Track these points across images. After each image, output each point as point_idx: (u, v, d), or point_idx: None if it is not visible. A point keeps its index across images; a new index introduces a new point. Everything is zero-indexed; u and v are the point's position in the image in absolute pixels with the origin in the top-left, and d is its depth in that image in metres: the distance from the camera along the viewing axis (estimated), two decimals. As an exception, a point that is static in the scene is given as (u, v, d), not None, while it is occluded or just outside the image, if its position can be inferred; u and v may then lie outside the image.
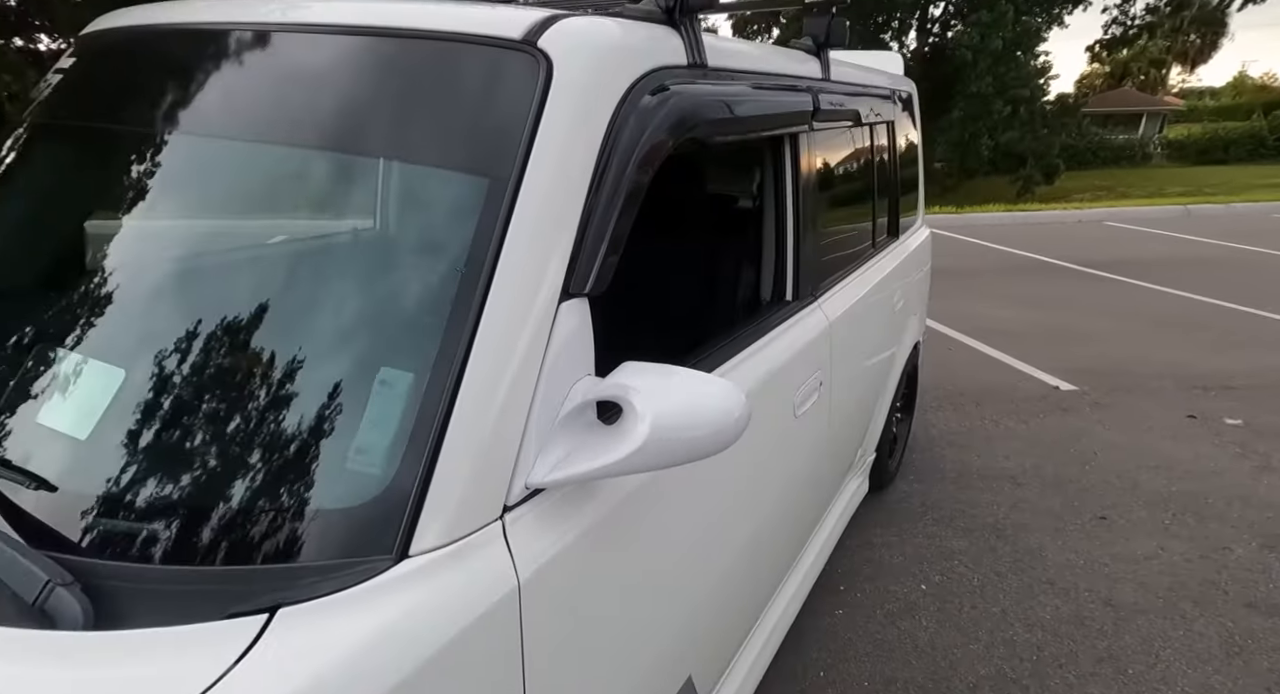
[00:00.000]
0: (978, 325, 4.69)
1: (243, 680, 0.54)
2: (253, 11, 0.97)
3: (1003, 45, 16.84)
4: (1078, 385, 3.73)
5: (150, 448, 0.71)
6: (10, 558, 0.61)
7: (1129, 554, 2.31)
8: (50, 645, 0.56)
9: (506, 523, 0.75)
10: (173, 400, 0.74)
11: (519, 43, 0.84)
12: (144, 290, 0.85)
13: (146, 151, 0.92)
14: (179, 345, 0.75)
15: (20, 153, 1.08)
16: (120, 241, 0.88)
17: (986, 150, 17.61)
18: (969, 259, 7.12)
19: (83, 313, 0.84)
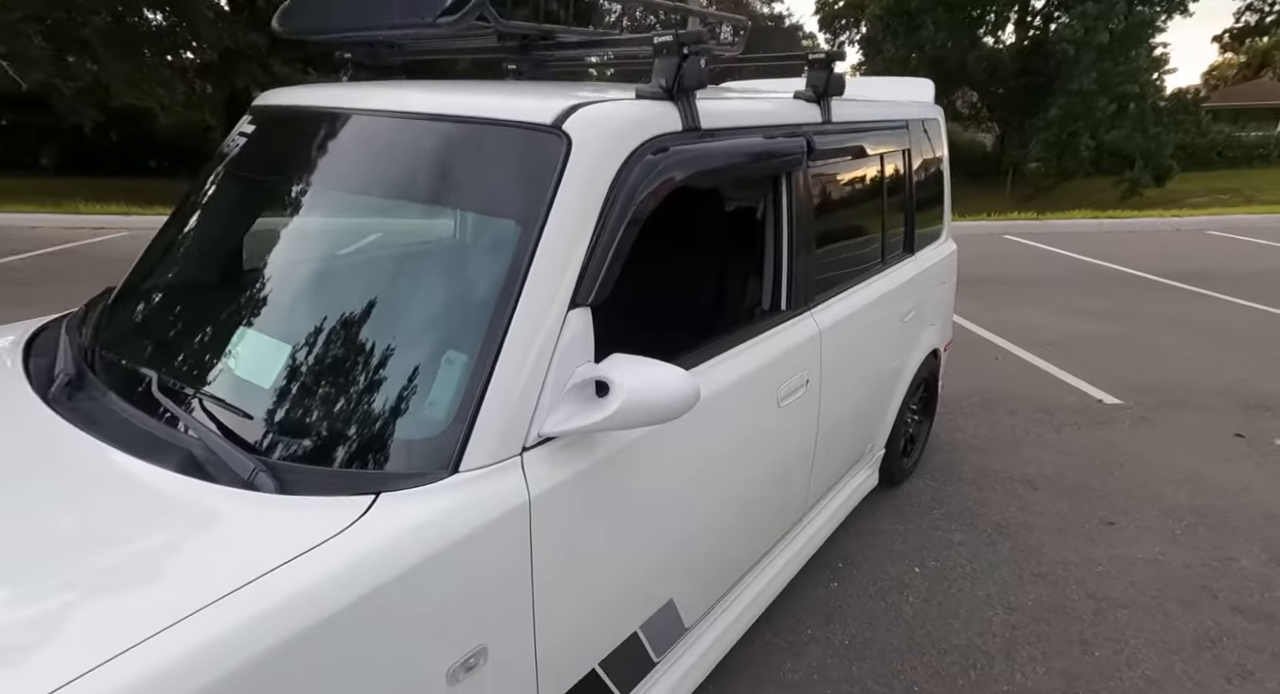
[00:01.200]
0: (1031, 336, 4.72)
1: (364, 525, 0.94)
2: (369, 99, 1.39)
3: (1110, 38, 15.81)
4: (1123, 399, 3.75)
5: (305, 395, 1.13)
6: (230, 453, 1.03)
7: (1127, 556, 2.44)
8: (257, 500, 0.98)
9: (524, 459, 1.12)
10: (316, 365, 1.16)
11: (549, 127, 1.21)
12: (303, 290, 1.28)
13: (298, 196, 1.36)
14: (323, 328, 1.18)
15: (213, 190, 1.56)
16: (285, 256, 1.32)
17: (1086, 150, 16.60)
18: (1039, 267, 6.98)
19: (265, 304, 1.28)
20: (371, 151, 1.34)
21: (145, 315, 1.44)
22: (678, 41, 1.35)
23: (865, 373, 2.21)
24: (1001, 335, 4.74)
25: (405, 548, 0.95)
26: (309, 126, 1.43)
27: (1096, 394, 3.82)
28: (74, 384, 1.28)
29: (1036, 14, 19.23)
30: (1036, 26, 19.34)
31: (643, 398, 1.11)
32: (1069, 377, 4.06)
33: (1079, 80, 15.87)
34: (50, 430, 1.14)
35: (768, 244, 1.78)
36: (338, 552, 0.91)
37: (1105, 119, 16.32)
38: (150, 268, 1.54)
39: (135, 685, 0.72)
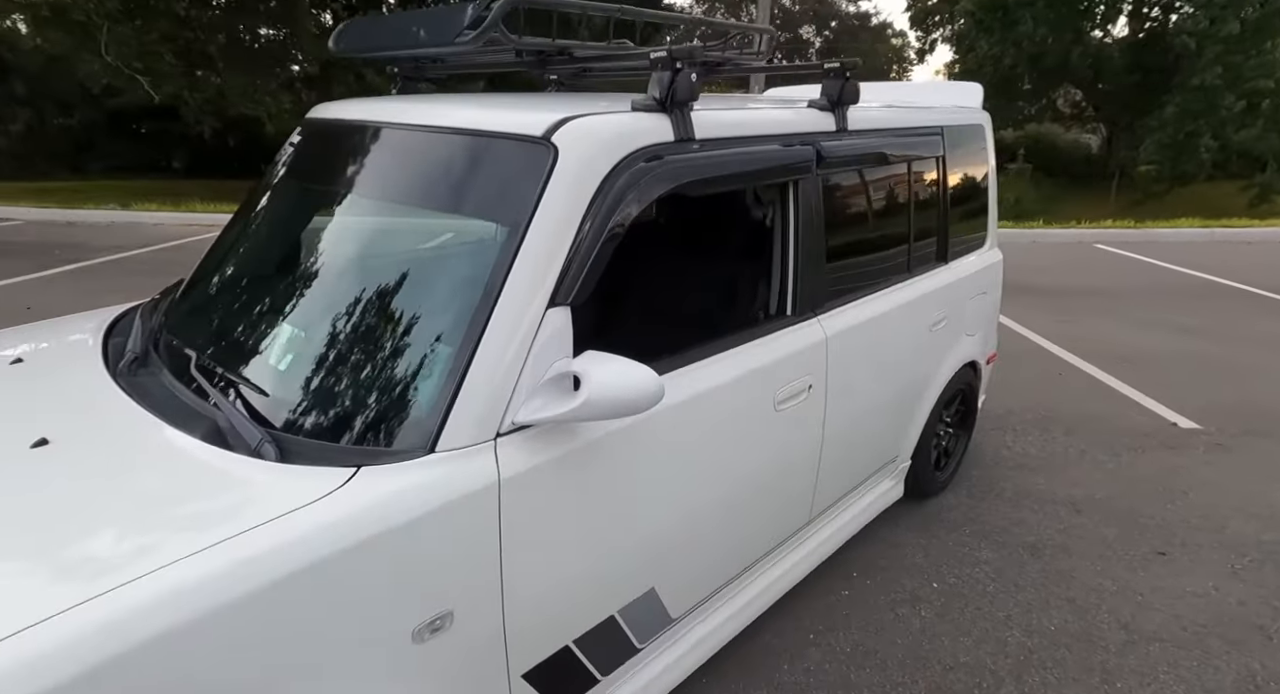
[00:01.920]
0: (1105, 351, 4.42)
1: (343, 492, 1.07)
2: (386, 113, 1.55)
3: (1240, 28, 14.37)
4: (1202, 424, 3.47)
5: (309, 377, 1.28)
6: (243, 425, 1.19)
7: (1174, 589, 2.29)
8: (260, 466, 1.13)
9: (497, 443, 1.22)
10: (321, 351, 1.31)
11: (539, 138, 1.31)
12: (314, 284, 1.45)
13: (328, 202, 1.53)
14: (328, 319, 1.33)
15: (267, 195, 1.76)
16: (309, 254, 1.49)
17: (1207, 152, 15.15)
18: (1127, 279, 6.49)
19: (283, 296, 1.46)
20: (383, 160, 1.49)
21: (197, 304, 1.65)
22: (670, 57, 1.42)
23: (882, 381, 2.18)
24: (1070, 350, 4.47)
25: (378, 513, 1.07)
26: (338, 137, 1.60)
27: (1171, 417, 3.55)
28: (138, 362, 1.49)
29: (1154, 4, 17.73)
30: (1154, 18, 17.82)
31: (608, 392, 1.19)
32: (1142, 397, 3.79)
33: (1201, 75, 14.52)
34: (110, 400, 1.34)
35: (773, 250, 1.81)
36: (317, 513, 1.04)
37: (1232, 118, 14.85)
38: (208, 263, 1.76)
39: (110, 620, 0.86)
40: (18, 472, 1.14)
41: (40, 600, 0.87)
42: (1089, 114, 20.15)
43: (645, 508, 1.49)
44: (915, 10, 22.44)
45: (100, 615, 0.86)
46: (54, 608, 0.85)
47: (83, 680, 0.82)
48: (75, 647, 0.83)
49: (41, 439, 1.18)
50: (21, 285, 5.50)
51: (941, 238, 2.43)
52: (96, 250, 6.81)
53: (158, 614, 0.89)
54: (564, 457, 1.30)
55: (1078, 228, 8.70)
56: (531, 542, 1.27)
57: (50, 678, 0.81)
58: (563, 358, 1.28)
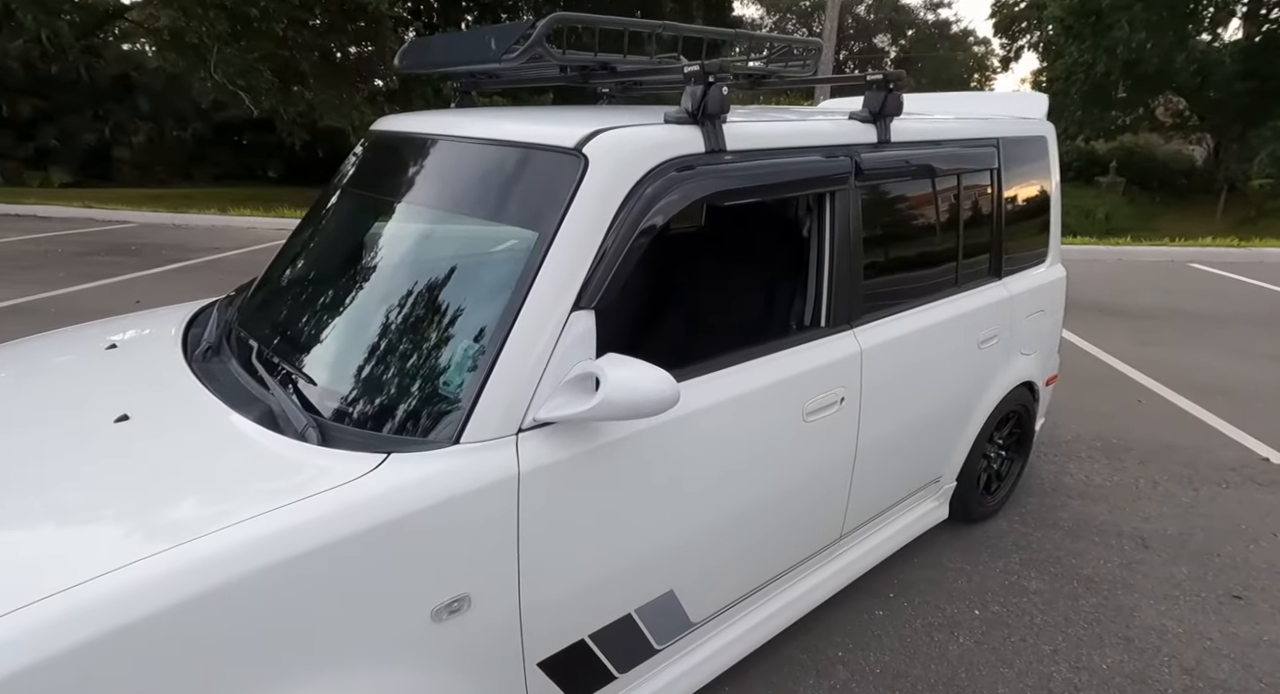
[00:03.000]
0: (1192, 379, 4.12)
1: (373, 475, 1.15)
2: (435, 126, 1.66)
3: (1373, 31, 13.12)
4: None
5: (351, 369, 1.39)
6: (292, 410, 1.30)
7: (1248, 636, 2.11)
8: (304, 449, 1.23)
9: (519, 438, 1.28)
10: (363, 346, 1.42)
11: (570, 149, 1.37)
12: (361, 285, 1.56)
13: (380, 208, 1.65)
14: (371, 317, 1.44)
15: (330, 202, 1.91)
16: (359, 257, 1.61)
17: (1332, 166, 13.85)
18: (1224, 302, 6.00)
19: (332, 296, 1.58)
20: (430, 169, 1.60)
21: (263, 301, 1.81)
22: (703, 70, 1.46)
23: (922, 397, 2.13)
24: (1152, 376, 4.18)
25: (404, 496, 1.15)
26: (389, 149, 1.73)
27: (1263, 452, 3.27)
28: (212, 351, 1.65)
29: (1274, 5, 16.38)
30: (1274, 19, 16.47)
31: (624, 394, 1.23)
32: (1230, 428, 3.51)
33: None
34: (183, 384, 1.49)
35: (809, 261, 1.81)
36: (345, 494, 1.12)
37: (1362, 127, 13.54)
38: (275, 264, 1.92)
39: (160, 577, 0.97)
40: (102, 442, 1.29)
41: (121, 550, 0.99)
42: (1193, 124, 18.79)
43: (664, 511, 1.52)
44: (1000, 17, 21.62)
45: (156, 570, 0.97)
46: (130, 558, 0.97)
47: (167, 614, 0.96)
48: (160, 585, 0.96)
49: (123, 415, 1.33)
50: (133, 281, 6.07)
51: (995, 253, 2.35)
52: (198, 251, 7.42)
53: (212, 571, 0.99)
54: (583, 454, 1.35)
55: (1171, 246, 8.11)
56: (548, 534, 1.32)
57: (142, 608, 0.95)
58: (585, 359, 1.34)
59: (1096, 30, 14.90)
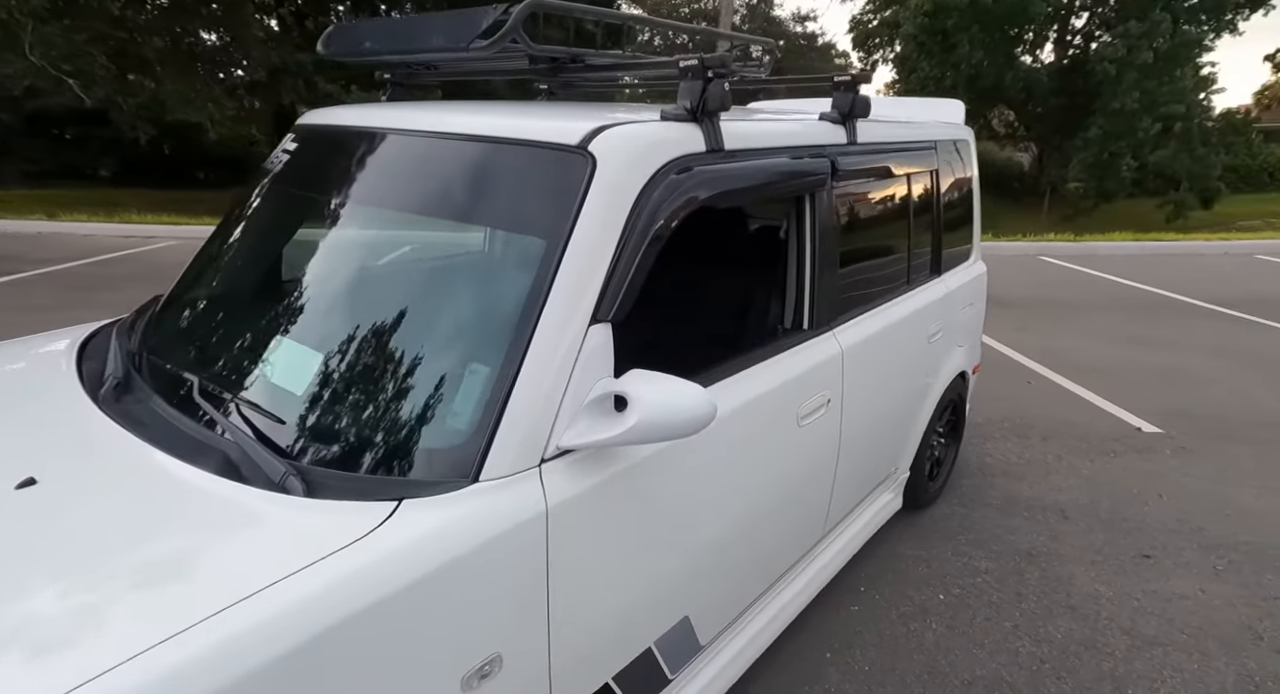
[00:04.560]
0: (1068, 361, 4.60)
1: (386, 530, 0.97)
2: (406, 120, 1.45)
3: (1154, 57, 15.48)
4: (1164, 429, 3.63)
5: (334, 402, 1.17)
6: (263, 457, 1.08)
7: (1165, 592, 2.35)
8: (287, 502, 1.02)
9: (542, 470, 1.14)
10: (346, 374, 1.20)
11: (574, 147, 1.24)
12: (336, 301, 1.33)
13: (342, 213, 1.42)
14: (353, 339, 1.22)
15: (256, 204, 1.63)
16: (320, 268, 1.38)
17: (1128, 171, 16.21)
18: (1077, 291, 6.81)
19: (300, 314, 1.34)
20: (406, 169, 1.39)
21: (189, 322, 1.51)
22: (702, 65, 1.38)
23: (888, 393, 2.19)
24: (1036, 359, 4.64)
25: (425, 553, 0.98)
26: (349, 144, 1.50)
27: (1135, 422, 3.71)
28: (122, 387, 1.35)
29: (1077, 33, 18.96)
30: (1076, 45, 19.05)
31: (660, 414, 1.13)
32: (1106, 403, 3.95)
33: (1121, 100, 15.55)
34: (99, 431, 1.20)
35: (791, 264, 1.79)
36: (360, 555, 0.93)
37: (1149, 139, 15.94)
38: (195, 277, 1.61)
39: (156, 683, 0.75)
40: (3, 519, 0.99)
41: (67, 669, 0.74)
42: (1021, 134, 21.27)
43: (681, 531, 1.43)
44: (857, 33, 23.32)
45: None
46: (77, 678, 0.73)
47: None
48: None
49: (28, 479, 1.04)
50: (-63, 302, 5.03)
51: (936, 251, 2.46)
52: (27, 262, 6.31)
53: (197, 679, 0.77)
54: (606, 481, 1.23)
55: (1023, 241, 9.11)
56: (577, 573, 1.19)
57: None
58: (604, 377, 1.21)
59: (944, 48, 16.48)
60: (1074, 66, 18.09)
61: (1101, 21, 18.08)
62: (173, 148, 10.83)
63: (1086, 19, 18.59)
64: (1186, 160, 16.40)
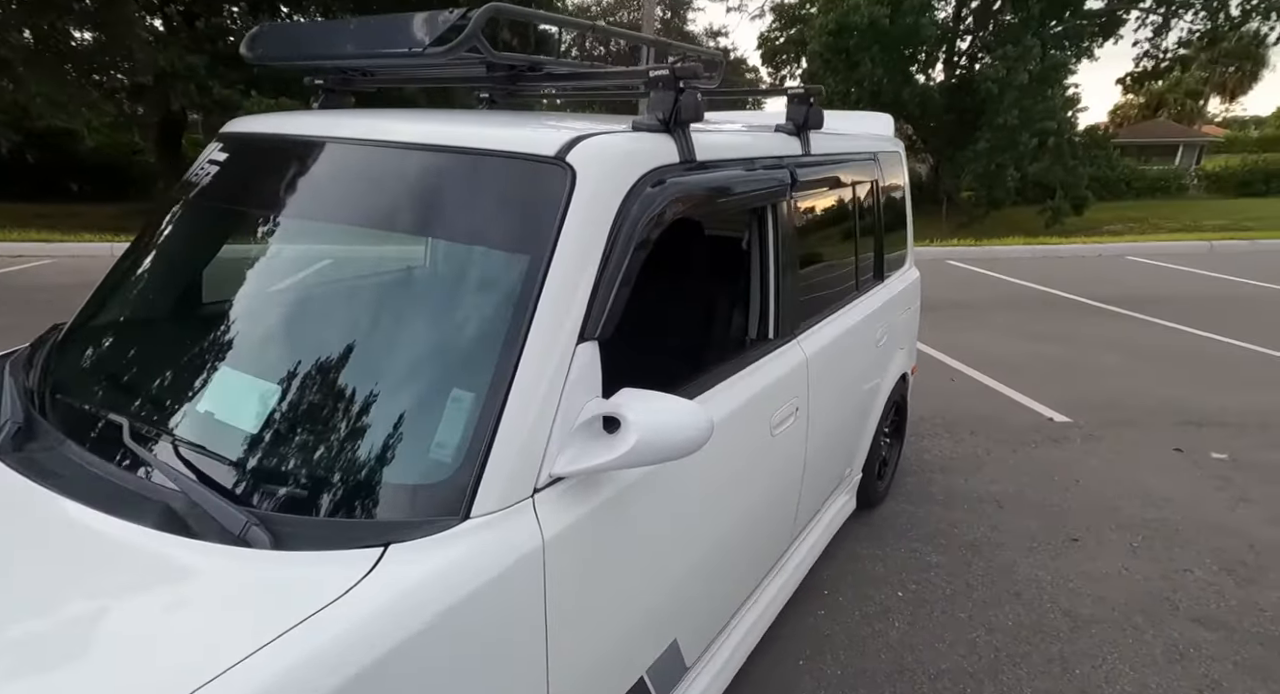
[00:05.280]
0: (982, 357, 4.91)
1: (375, 581, 0.87)
2: (359, 129, 1.34)
3: (1029, 79, 16.99)
4: (1072, 418, 3.92)
5: (300, 439, 1.05)
6: (218, 506, 0.95)
7: (1094, 572, 2.52)
8: (250, 557, 0.89)
9: (536, 500, 1.07)
10: (310, 407, 1.08)
11: (552, 158, 1.18)
12: (296, 327, 1.20)
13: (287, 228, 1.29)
14: (318, 368, 1.10)
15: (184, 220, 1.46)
16: (273, 291, 1.24)
17: (1013, 181, 17.67)
18: (983, 292, 7.31)
19: (252, 342, 1.20)
20: (365, 182, 1.28)
21: (106, 354, 1.33)
22: (674, 75, 1.36)
23: (847, 398, 2.24)
24: (955, 357, 4.92)
25: (421, 603, 0.89)
26: (296, 155, 1.36)
27: (1047, 413, 3.99)
28: (24, 433, 1.16)
29: (962, 54, 20.57)
30: (963, 66, 20.64)
31: (658, 434, 1.08)
32: (1021, 396, 4.23)
33: (1003, 116, 16.95)
34: (4, 485, 1.02)
35: (756, 274, 1.79)
36: (348, 613, 0.83)
37: (1028, 152, 17.44)
38: (108, 302, 1.42)
39: None
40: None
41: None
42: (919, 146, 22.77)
43: (670, 554, 1.38)
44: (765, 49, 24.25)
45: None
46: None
47: None
48: None
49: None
50: None
51: (879, 257, 2.55)
52: None
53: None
54: (598, 508, 1.17)
55: (932, 246, 9.70)
56: (574, 608, 1.12)
57: None
58: (594, 398, 1.16)
59: (848, 65, 17.42)
60: (961, 85, 19.56)
61: (983, 44, 19.69)
62: (40, 157, 9.74)
63: (970, 42, 20.18)
64: (1059, 171, 18.04)
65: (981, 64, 19.28)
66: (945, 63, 20.67)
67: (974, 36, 20.03)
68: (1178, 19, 20.52)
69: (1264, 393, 4.33)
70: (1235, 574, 2.53)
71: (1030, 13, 17.54)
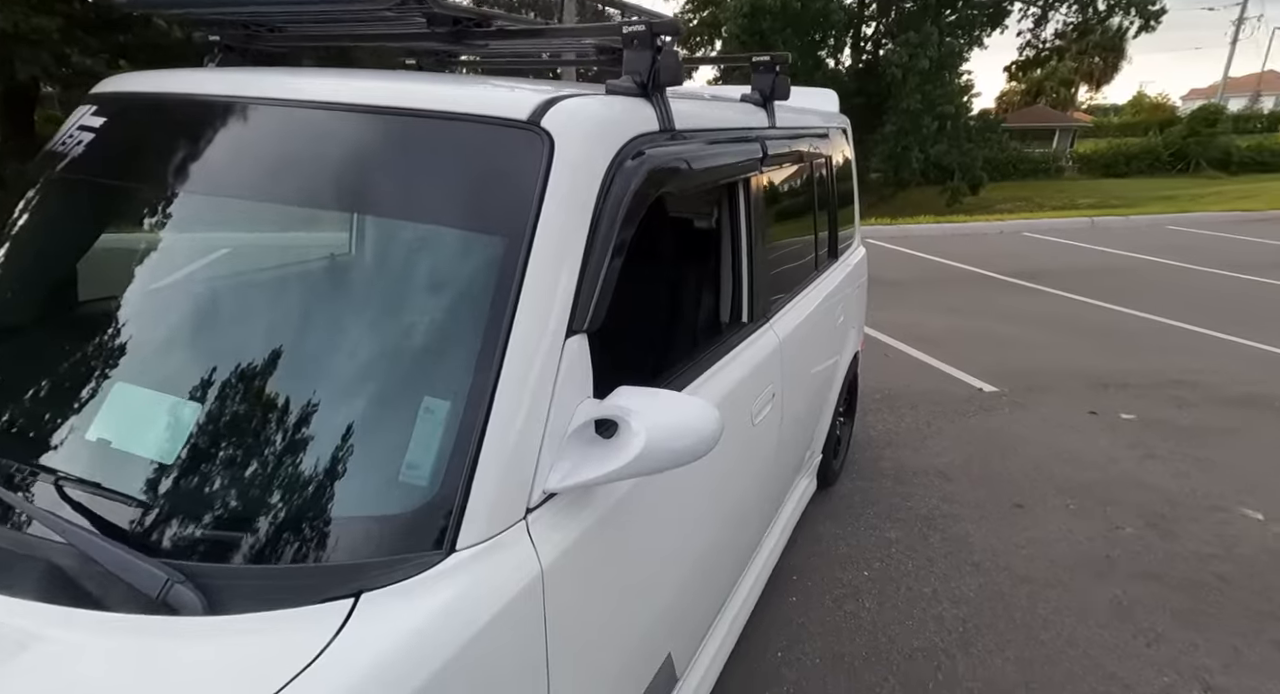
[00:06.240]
0: (912, 333, 5.07)
1: (344, 647, 0.69)
2: (284, 87, 1.11)
3: (929, 65, 17.81)
4: (999, 387, 4.10)
5: (229, 469, 0.85)
6: (125, 562, 0.74)
7: (1041, 537, 2.62)
8: (177, 628, 0.70)
9: (529, 522, 0.91)
10: (241, 430, 0.88)
11: (525, 123, 1.01)
12: (220, 328, 0.98)
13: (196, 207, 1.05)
14: (250, 378, 0.89)
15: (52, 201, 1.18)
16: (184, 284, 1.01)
17: (917, 163, 18.56)
18: (904, 269, 7.59)
19: (161, 350, 0.96)
20: (296, 151, 1.05)
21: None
22: (651, 31, 1.21)
23: (813, 381, 2.18)
24: (883, 332, 5.05)
25: (407, 664, 0.72)
26: (199, 118, 1.10)
27: (977, 384, 4.16)
28: None
29: (868, 40, 21.28)
30: (869, 51, 21.38)
31: (665, 438, 0.95)
32: (951, 369, 4.39)
33: (907, 100, 17.72)
34: None
35: (728, 254, 1.68)
36: (320, 688, 0.66)
37: (930, 135, 18.35)
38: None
39: None
40: None
41: None
42: (827, 129, 23.44)
43: (664, 566, 1.27)
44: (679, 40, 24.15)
45: None
46: None
47: None
48: None
49: None
50: None
51: (833, 235, 2.51)
52: None
53: None
54: (595, 525, 1.03)
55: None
56: (575, 640, 0.98)
57: None
58: (585, 399, 1.01)
59: (763, 48, 17.64)
60: (868, 70, 20.27)
61: (886, 30, 20.43)
62: None
63: (874, 28, 20.90)
64: (957, 154, 19.11)
65: (886, 50, 20.05)
66: (853, 48, 21.34)
67: (878, 23, 20.75)
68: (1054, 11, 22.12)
69: (1156, 357, 4.69)
70: (1158, 528, 2.69)
71: (928, 1, 18.33)
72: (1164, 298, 6.18)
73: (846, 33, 20.26)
